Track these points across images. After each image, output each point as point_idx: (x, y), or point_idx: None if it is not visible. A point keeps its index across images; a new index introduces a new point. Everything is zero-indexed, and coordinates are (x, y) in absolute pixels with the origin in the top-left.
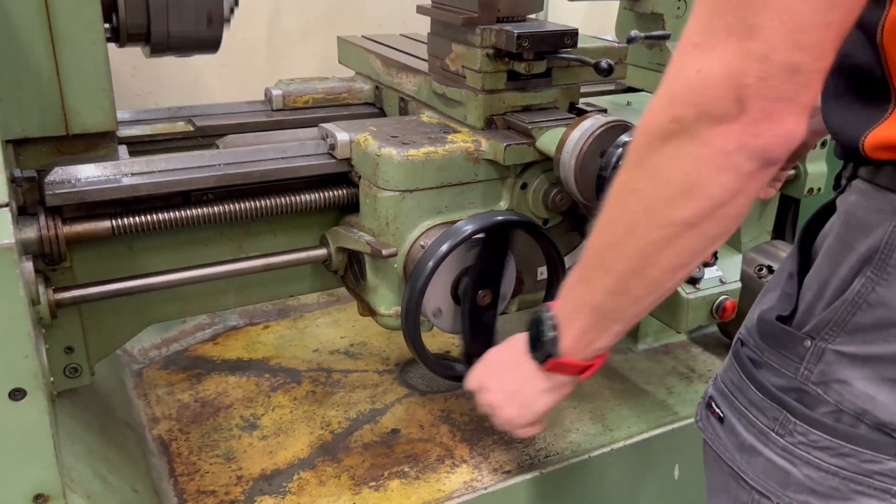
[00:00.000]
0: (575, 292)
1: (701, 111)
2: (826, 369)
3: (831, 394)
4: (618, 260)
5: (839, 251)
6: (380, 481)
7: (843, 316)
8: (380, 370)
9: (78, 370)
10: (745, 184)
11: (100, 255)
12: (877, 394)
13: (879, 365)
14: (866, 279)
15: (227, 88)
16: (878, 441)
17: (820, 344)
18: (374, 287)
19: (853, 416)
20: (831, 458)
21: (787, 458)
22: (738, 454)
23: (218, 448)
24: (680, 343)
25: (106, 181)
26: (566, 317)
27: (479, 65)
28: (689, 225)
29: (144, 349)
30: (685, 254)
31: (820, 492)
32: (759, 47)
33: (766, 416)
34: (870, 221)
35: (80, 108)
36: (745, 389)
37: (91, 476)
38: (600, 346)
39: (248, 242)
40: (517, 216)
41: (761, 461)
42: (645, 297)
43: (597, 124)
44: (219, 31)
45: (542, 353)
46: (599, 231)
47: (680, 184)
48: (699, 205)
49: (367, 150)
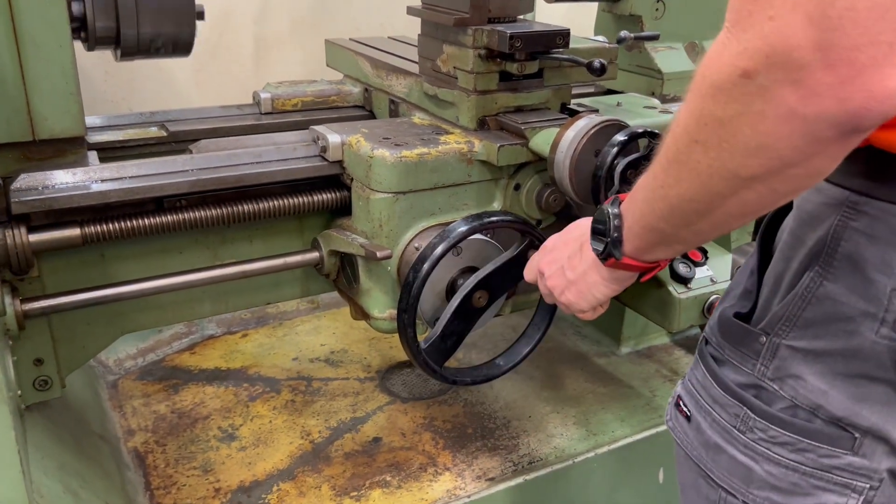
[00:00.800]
0: (639, 207)
1: (774, 63)
2: (781, 365)
3: (786, 389)
4: (681, 200)
5: (792, 246)
6: (361, 491)
7: (795, 311)
8: (361, 378)
9: (48, 382)
10: (823, 148)
11: (70, 263)
12: (829, 388)
13: (830, 359)
14: (814, 273)
15: (204, 93)
16: (834, 435)
17: (774, 339)
18: (368, 290)
19: (808, 410)
20: (790, 453)
21: (750, 454)
22: (705, 452)
23: (195, 460)
24: (663, 346)
25: (75, 187)
26: (630, 227)
27: (471, 65)
28: (756, 180)
29: (120, 360)
30: (752, 204)
31: (781, 488)
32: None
33: (729, 413)
34: (818, 215)
35: (47, 113)
36: (709, 387)
37: (62, 491)
38: (664, 257)
39: (224, 249)
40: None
41: (725, 458)
42: (708, 232)
43: (591, 124)
44: (191, 34)
45: (604, 252)
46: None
47: (747, 142)
48: (767, 164)
49: (360, 152)
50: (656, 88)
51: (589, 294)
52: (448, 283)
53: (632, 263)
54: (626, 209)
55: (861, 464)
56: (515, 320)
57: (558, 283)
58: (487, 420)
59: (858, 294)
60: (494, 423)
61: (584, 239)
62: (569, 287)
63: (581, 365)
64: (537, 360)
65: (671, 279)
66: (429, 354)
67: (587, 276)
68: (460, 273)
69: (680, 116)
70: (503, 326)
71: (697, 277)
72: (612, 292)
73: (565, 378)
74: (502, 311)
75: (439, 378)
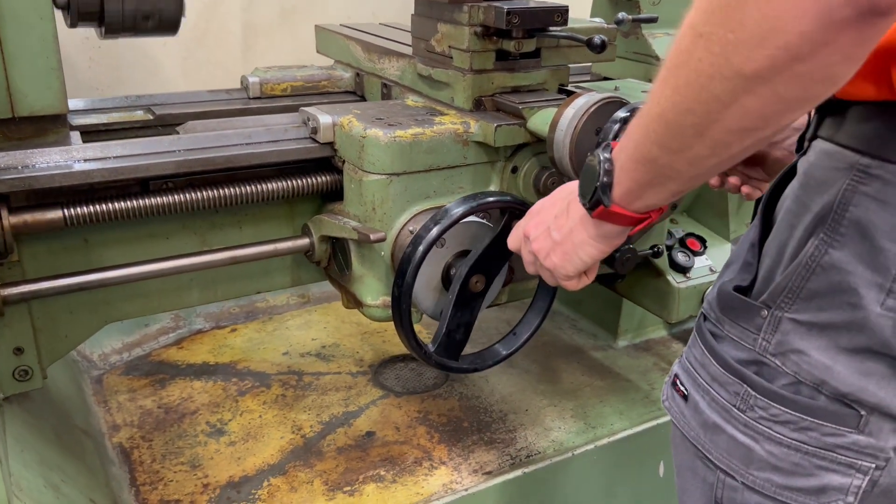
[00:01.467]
0: (633, 140)
1: None
2: (783, 339)
3: (789, 365)
4: (677, 113)
5: (796, 213)
6: (355, 486)
7: (798, 282)
8: (353, 372)
9: (28, 373)
10: (835, 36)
11: (51, 247)
12: (833, 363)
13: (834, 333)
14: (819, 241)
15: (191, 81)
16: (839, 413)
17: (776, 312)
18: (360, 276)
19: (812, 387)
20: (792, 432)
21: (750, 434)
22: (703, 432)
23: (182, 455)
24: (660, 339)
25: (56, 167)
26: (622, 165)
27: (467, 44)
28: (759, 79)
29: (105, 354)
30: (753, 115)
31: (783, 468)
32: None
33: (728, 391)
34: (825, 180)
35: (27, 89)
36: (708, 365)
37: (42, 485)
38: (654, 202)
39: (213, 235)
40: (511, 197)
41: (724, 439)
42: (706, 159)
43: (591, 101)
44: (177, 10)
45: (592, 200)
46: (661, 80)
47: (754, 27)
48: (771, 55)
49: (352, 133)
50: (653, 75)
51: (575, 255)
52: (443, 271)
53: (621, 212)
54: (619, 150)
55: (867, 442)
56: (510, 314)
57: (543, 246)
58: (483, 414)
59: (865, 263)
60: (490, 417)
61: (571, 197)
62: (554, 249)
63: (578, 358)
64: (533, 353)
65: (670, 268)
66: (440, 354)
67: (573, 235)
68: (454, 258)
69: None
70: (497, 321)
71: (696, 267)
72: (598, 253)
73: (562, 371)
74: (499, 300)
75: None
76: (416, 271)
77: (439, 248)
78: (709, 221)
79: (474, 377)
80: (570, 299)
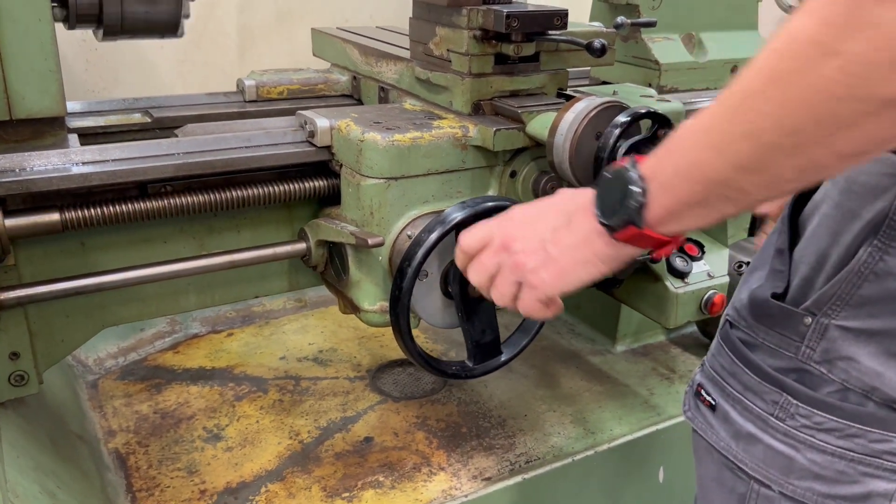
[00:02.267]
0: (689, 156)
1: None
2: (830, 346)
3: (836, 372)
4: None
5: (840, 220)
6: (353, 492)
7: (848, 289)
8: (351, 377)
9: (24, 378)
10: None
11: (48, 251)
12: (885, 370)
13: (887, 339)
14: (873, 248)
15: (188, 84)
16: (887, 419)
17: (822, 320)
18: (358, 282)
19: (860, 394)
20: (838, 440)
21: (790, 443)
22: (734, 442)
23: (179, 461)
24: (659, 344)
25: (54, 170)
26: (664, 182)
27: (466, 47)
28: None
29: (100, 359)
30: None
31: (826, 476)
32: None
33: (764, 400)
34: (876, 186)
35: (25, 92)
36: (739, 374)
37: (38, 492)
38: (692, 226)
39: (211, 239)
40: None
41: (760, 448)
42: (788, 183)
43: (591, 105)
44: (178, 12)
45: (619, 219)
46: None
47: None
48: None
49: (350, 136)
50: (653, 79)
51: (573, 274)
52: (441, 277)
53: (650, 235)
54: (657, 165)
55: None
56: (507, 319)
57: (532, 259)
58: (482, 419)
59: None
60: (489, 423)
61: (574, 209)
62: (547, 265)
63: (576, 363)
64: (532, 358)
65: (668, 274)
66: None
67: (577, 252)
68: (452, 265)
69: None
70: None
71: (695, 272)
72: (600, 274)
73: (560, 376)
74: None
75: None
76: (414, 276)
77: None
78: None
79: (472, 382)
80: (569, 304)
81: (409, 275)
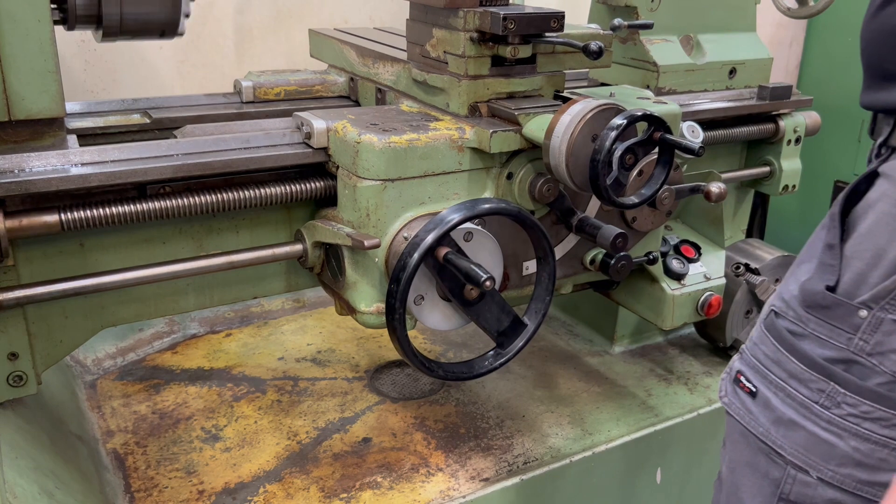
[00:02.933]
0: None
1: None
2: (883, 339)
3: (888, 364)
4: None
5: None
6: (351, 493)
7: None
8: (349, 377)
9: (23, 378)
10: None
11: (47, 252)
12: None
13: None
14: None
15: (188, 85)
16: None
17: (878, 314)
18: (354, 283)
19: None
20: (883, 428)
21: (833, 430)
22: (774, 428)
23: (177, 461)
24: (657, 345)
25: (53, 171)
26: None
27: (463, 49)
28: None
29: (99, 359)
30: None
31: (867, 464)
32: None
33: (810, 388)
34: None
35: (24, 92)
36: (784, 362)
37: (37, 492)
38: None
39: (209, 240)
40: (506, 204)
41: (802, 435)
42: None
43: (588, 107)
44: (177, 13)
45: None
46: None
47: None
48: None
49: (346, 138)
50: (651, 81)
51: None
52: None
53: None
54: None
55: None
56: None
57: None
58: (480, 420)
59: None
60: (487, 423)
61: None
62: None
63: (574, 364)
64: (530, 359)
65: (664, 275)
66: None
67: None
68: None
69: None
70: None
71: (691, 274)
72: None
73: (559, 377)
74: None
75: None
76: (410, 279)
77: None
78: (703, 228)
79: (470, 382)
80: (567, 305)
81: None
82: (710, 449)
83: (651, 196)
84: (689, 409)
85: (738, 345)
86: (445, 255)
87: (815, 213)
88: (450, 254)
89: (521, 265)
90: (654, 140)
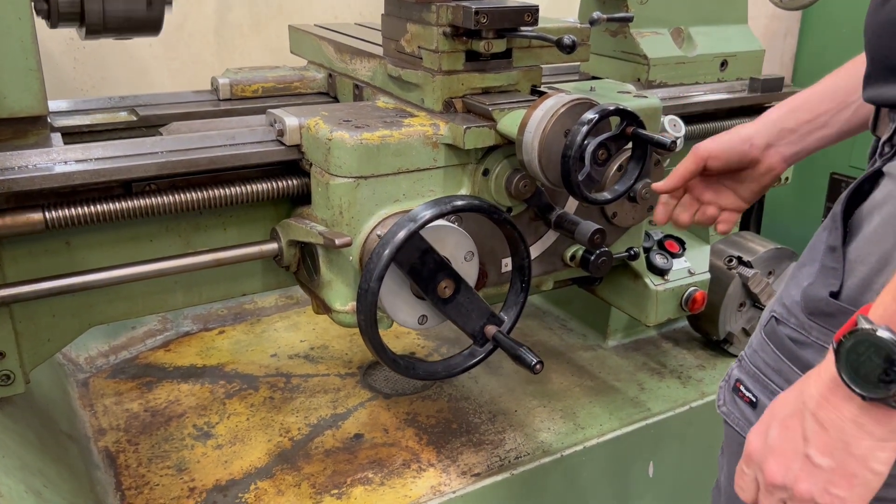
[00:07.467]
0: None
1: None
2: None
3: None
4: None
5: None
6: (342, 489)
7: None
8: (341, 374)
9: (10, 377)
10: None
11: (32, 251)
12: None
13: None
14: None
15: (178, 81)
16: None
17: None
18: (329, 282)
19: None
20: None
21: None
22: None
23: (169, 459)
24: (650, 338)
25: (37, 169)
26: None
27: (436, 44)
28: None
29: (91, 357)
30: None
31: None
32: None
33: None
34: None
35: (6, 91)
36: (785, 371)
37: (24, 491)
38: None
39: (197, 237)
40: (481, 201)
41: None
42: None
43: (560, 103)
44: (159, 11)
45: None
46: None
47: None
48: None
49: (318, 135)
50: (642, 74)
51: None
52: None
53: None
54: None
55: None
56: None
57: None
58: (472, 415)
59: None
60: (479, 418)
61: (806, 406)
62: (832, 479)
63: (567, 358)
64: None
65: (648, 271)
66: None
67: (853, 447)
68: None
69: None
70: None
71: (675, 269)
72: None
73: (551, 372)
74: None
75: None
76: (381, 276)
77: None
78: None
79: (462, 378)
80: (560, 300)
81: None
82: (703, 442)
83: (624, 192)
84: (681, 403)
85: (731, 338)
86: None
87: (812, 205)
88: (499, 332)
89: (500, 262)
90: (626, 135)
